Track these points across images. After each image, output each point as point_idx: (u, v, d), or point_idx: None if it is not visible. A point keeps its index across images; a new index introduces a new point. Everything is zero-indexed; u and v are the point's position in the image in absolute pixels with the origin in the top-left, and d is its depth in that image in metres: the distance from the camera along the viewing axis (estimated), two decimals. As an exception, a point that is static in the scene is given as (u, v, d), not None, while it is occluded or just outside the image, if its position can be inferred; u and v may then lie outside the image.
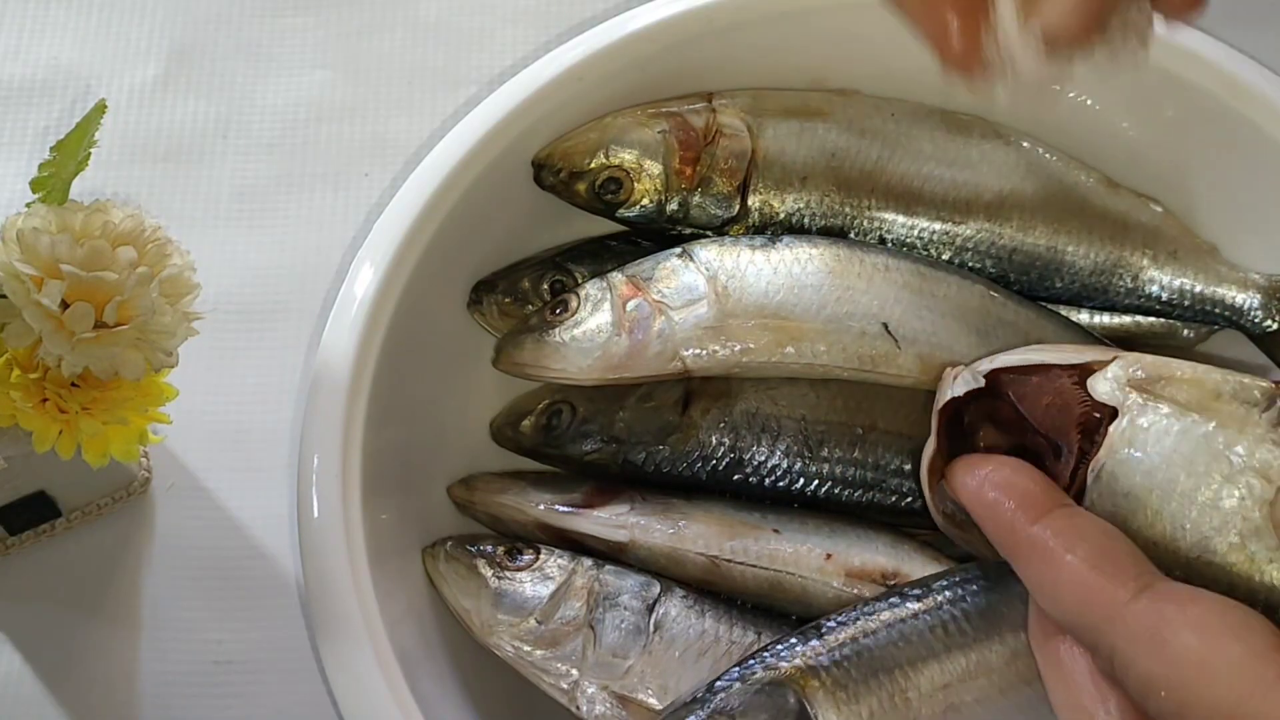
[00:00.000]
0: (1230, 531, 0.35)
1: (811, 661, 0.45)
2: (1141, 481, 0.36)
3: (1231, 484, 0.35)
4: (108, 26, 0.71)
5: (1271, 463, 0.34)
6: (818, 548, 0.52)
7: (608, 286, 0.55)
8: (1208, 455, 0.35)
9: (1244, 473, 0.35)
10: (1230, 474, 0.35)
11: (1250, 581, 0.35)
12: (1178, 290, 0.57)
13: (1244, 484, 0.35)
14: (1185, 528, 0.35)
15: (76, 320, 0.44)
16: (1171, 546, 0.36)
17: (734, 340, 0.53)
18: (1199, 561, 0.35)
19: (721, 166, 0.57)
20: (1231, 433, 0.35)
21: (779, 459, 0.54)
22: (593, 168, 0.57)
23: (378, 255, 0.53)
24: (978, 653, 0.44)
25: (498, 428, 0.57)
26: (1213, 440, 0.35)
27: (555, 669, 0.49)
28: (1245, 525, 0.35)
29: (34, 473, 0.53)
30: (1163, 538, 0.36)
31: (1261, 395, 0.36)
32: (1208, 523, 0.35)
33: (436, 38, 0.71)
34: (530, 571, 0.51)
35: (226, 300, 0.63)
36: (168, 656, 0.56)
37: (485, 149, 0.55)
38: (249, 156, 0.68)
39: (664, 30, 0.58)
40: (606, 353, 0.53)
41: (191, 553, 0.58)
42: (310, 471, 0.49)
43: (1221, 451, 0.35)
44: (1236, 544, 0.35)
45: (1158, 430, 0.36)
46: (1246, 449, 0.35)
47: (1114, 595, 0.33)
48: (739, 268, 0.54)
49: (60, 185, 0.48)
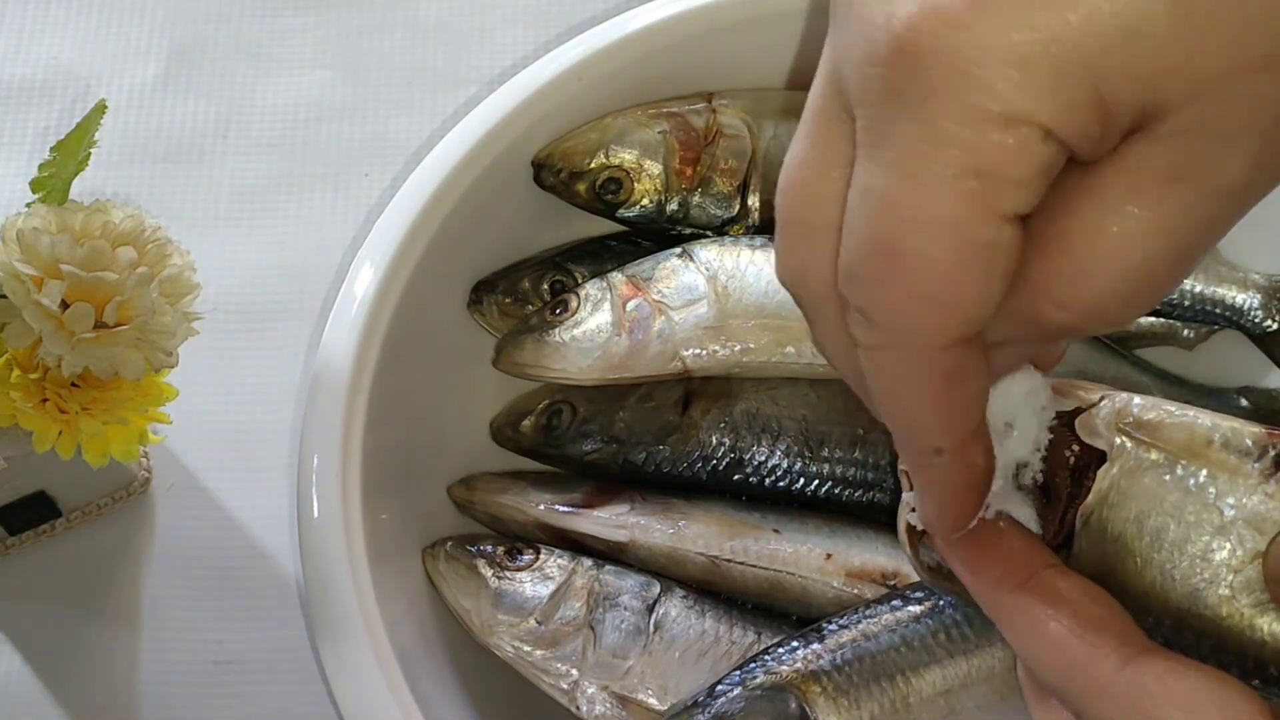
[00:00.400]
0: (1221, 584, 0.34)
1: (813, 665, 0.45)
2: (1131, 529, 0.35)
3: (1223, 535, 0.34)
4: (108, 26, 0.71)
5: (1264, 515, 0.34)
6: (818, 548, 0.52)
7: (608, 286, 0.55)
8: (1198, 505, 0.34)
9: (1235, 524, 0.34)
10: (1221, 525, 0.34)
11: (1241, 636, 0.34)
12: (1177, 290, 0.57)
13: (1235, 536, 0.34)
14: (1175, 578, 0.35)
15: (76, 320, 0.44)
16: (1161, 597, 0.35)
17: (734, 340, 0.53)
18: (1189, 614, 0.34)
19: (721, 166, 0.57)
20: (1223, 482, 0.34)
21: (779, 459, 0.54)
22: (593, 168, 0.57)
23: (378, 255, 0.53)
24: (979, 658, 0.44)
25: (498, 428, 0.57)
26: (1204, 490, 0.34)
27: (555, 669, 0.49)
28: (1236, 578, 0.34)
29: (34, 473, 0.53)
30: (1152, 587, 0.35)
31: (1254, 444, 0.35)
32: (1198, 574, 0.34)
33: (436, 38, 0.71)
34: (530, 571, 0.51)
35: (226, 300, 0.63)
36: (168, 656, 0.56)
37: (485, 149, 0.55)
38: (249, 156, 0.68)
39: (664, 30, 0.58)
40: (606, 353, 0.53)
41: (191, 553, 0.58)
42: (310, 471, 0.49)
43: (1212, 502, 0.34)
44: (1227, 596, 0.34)
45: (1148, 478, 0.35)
46: (1237, 500, 0.34)
47: (1099, 668, 0.32)
48: (739, 268, 0.54)
49: (60, 185, 0.48)
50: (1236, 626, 0.34)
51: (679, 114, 0.58)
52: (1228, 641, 0.34)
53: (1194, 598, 0.34)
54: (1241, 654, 0.34)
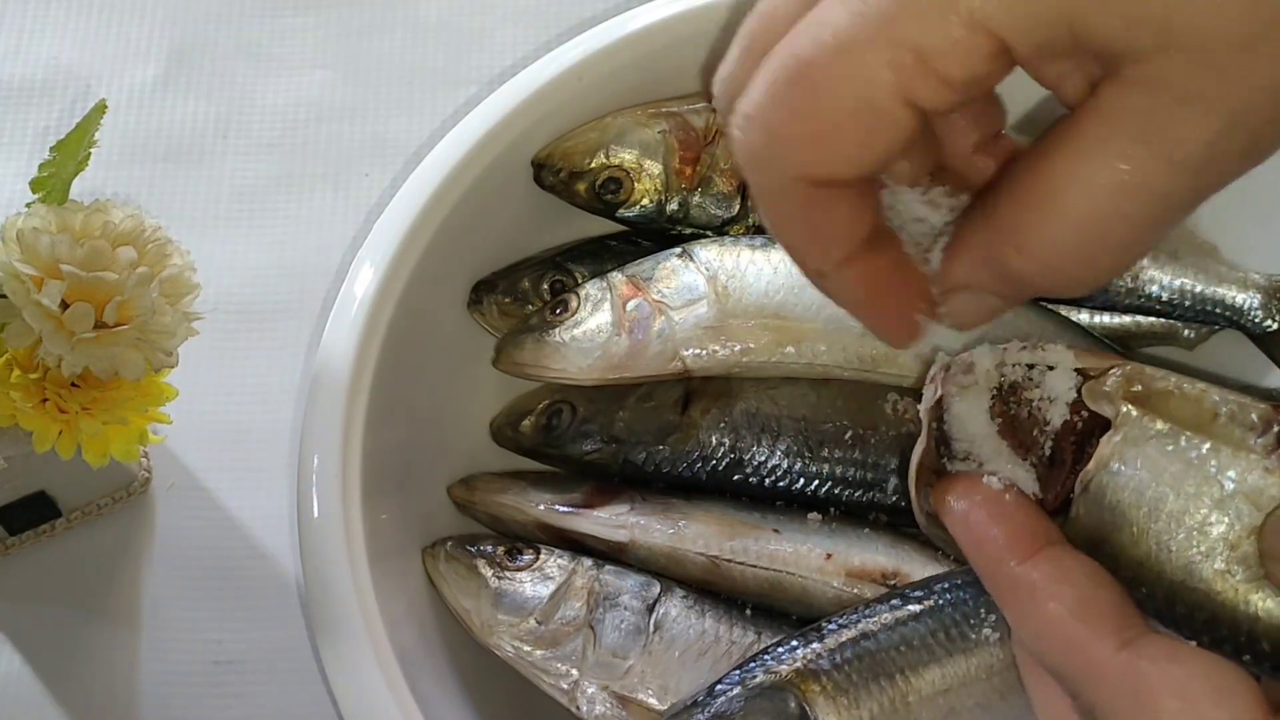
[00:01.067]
0: (1216, 558, 0.34)
1: (812, 665, 0.44)
2: (1129, 498, 0.35)
3: (1221, 509, 0.34)
4: (108, 26, 0.71)
5: (1263, 489, 0.33)
6: (818, 548, 0.52)
7: (608, 286, 0.55)
8: (1199, 477, 0.34)
9: (1234, 498, 0.34)
10: (1220, 499, 0.34)
11: (1235, 610, 0.34)
12: (1178, 290, 0.57)
13: (1233, 510, 0.34)
14: (1171, 550, 0.35)
15: (76, 320, 0.44)
16: (1155, 568, 0.35)
17: (734, 340, 0.53)
18: (1183, 586, 0.34)
19: (721, 166, 0.57)
20: (1225, 456, 0.34)
21: (779, 459, 0.54)
22: (593, 168, 0.57)
23: (378, 255, 0.53)
24: (979, 656, 0.44)
25: (498, 428, 0.57)
26: (1206, 462, 0.34)
27: (555, 669, 0.49)
28: (1232, 553, 0.34)
29: (34, 473, 0.53)
30: (1147, 558, 0.35)
31: (1258, 419, 0.35)
32: (1194, 547, 0.34)
33: (436, 38, 0.71)
34: (530, 571, 0.51)
35: (226, 300, 0.63)
36: (168, 656, 0.56)
37: (485, 149, 0.55)
38: (249, 156, 0.68)
39: (664, 30, 0.58)
40: (606, 353, 0.53)
41: (191, 553, 0.58)
42: (310, 471, 0.49)
43: (1213, 475, 0.34)
44: (1222, 570, 0.34)
45: (1151, 447, 0.35)
46: (1239, 474, 0.34)
47: (1096, 649, 0.33)
48: (739, 268, 0.54)
49: (60, 185, 0.48)
50: (1230, 602, 0.34)
51: (679, 114, 0.58)
52: (1220, 616, 0.34)
53: (1188, 571, 0.34)
54: (1234, 629, 0.34)
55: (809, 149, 0.30)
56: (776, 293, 0.53)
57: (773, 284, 0.53)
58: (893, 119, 0.29)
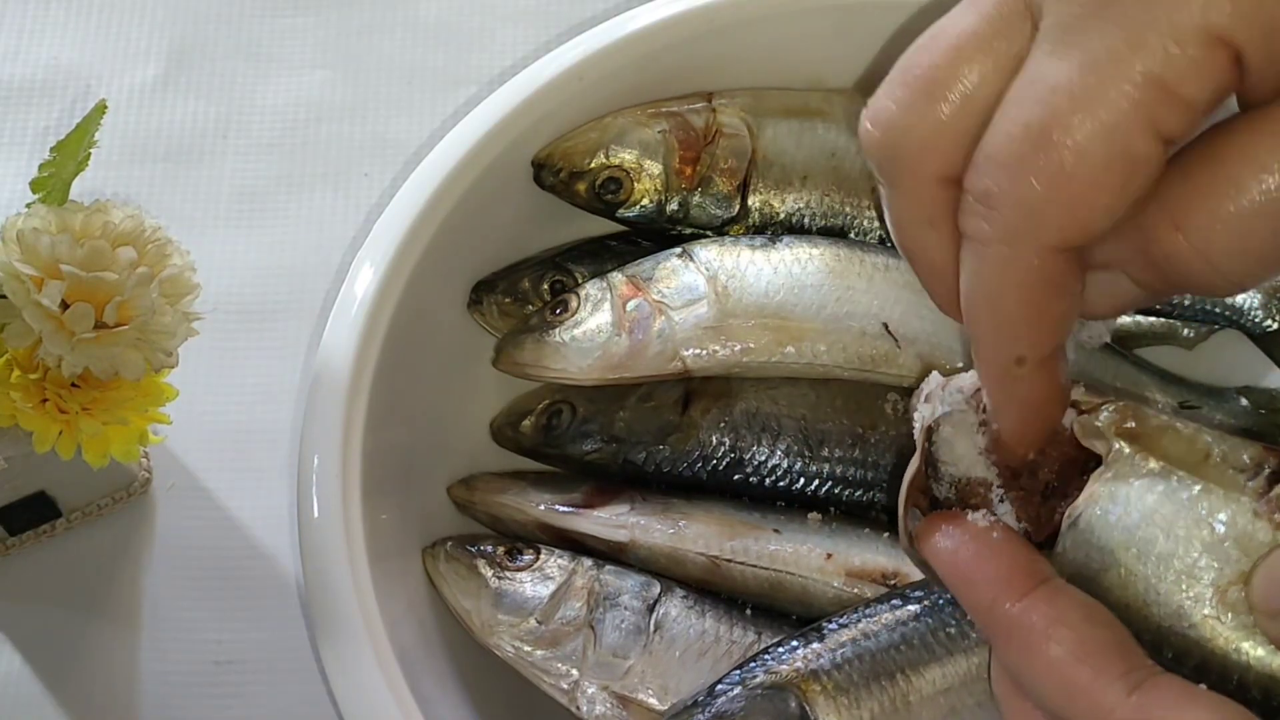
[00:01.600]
0: (1205, 603, 0.33)
1: (813, 665, 0.44)
2: (1119, 538, 0.34)
3: (1211, 553, 0.33)
4: (108, 26, 0.71)
5: (1252, 534, 0.33)
6: (818, 548, 0.52)
7: (608, 286, 0.55)
8: (1190, 520, 0.33)
9: (1225, 542, 0.33)
10: (1211, 543, 0.33)
11: (1225, 658, 0.33)
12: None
13: (1223, 554, 0.33)
14: (1160, 592, 0.33)
15: (76, 320, 0.44)
16: (1143, 611, 0.34)
17: (734, 340, 0.53)
18: (1171, 631, 0.33)
19: (721, 166, 0.57)
20: (1217, 498, 0.33)
21: (779, 459, 0.54)
22: (593, 168, 0.57)
23: (378, 255, 0.53)
24: (979, 656, 0.44)
25: (498, 428, 0.57)
26: (1197, 504, 0.33)
27: (555, 669, 0.49)
28: (1222, 599, 0.33)
29: (34, 473, 0.53)
30: (1135, 600, 0.34)
31: (1250, 460, 0.34)
32: (1183, 591, 0.33)
33: (436, 38, 0.71)
34: (530, 571, 0.51)
35: (226, 300, 0.63)
36: (168, 656, 0.56)
37: (485, 149, 0.55)
38: (249, 156, 0.68)
39: (664, 30, 0.58)
40: (606, 353, 0.53)
41: (191, 553, 0.58)
42: (310, 471, 0.49)
43: (1204, 517, 0.33)
44: (1211, 616, 0.33)
45: (1142, 486, 0.34)
46: (1229, 517, 0.33)
47: (1104, 695, 0.31)
48: (739, 268, 0.54)
49: (60, 185, 0.48)
50: (1219, 649, 0.33)
51: (679, 114, 0.58)
52: (1209, 663, 0.33)
53: (1177, 615, 0.33)
54: (1224, 676, 0.33)
55: (1068, 213, 0.29)
56: (776, 293, 0.53)
57: (773, 284, 0.53)
58: (1145, 156, 0.28)
